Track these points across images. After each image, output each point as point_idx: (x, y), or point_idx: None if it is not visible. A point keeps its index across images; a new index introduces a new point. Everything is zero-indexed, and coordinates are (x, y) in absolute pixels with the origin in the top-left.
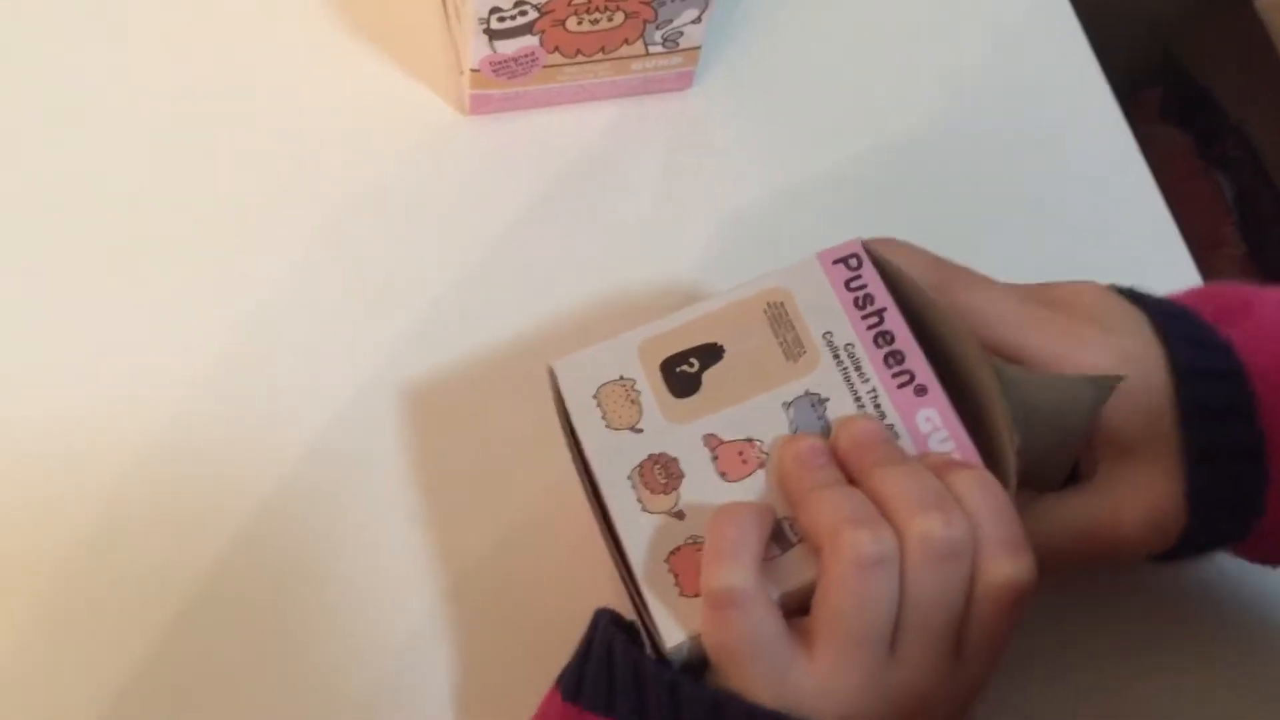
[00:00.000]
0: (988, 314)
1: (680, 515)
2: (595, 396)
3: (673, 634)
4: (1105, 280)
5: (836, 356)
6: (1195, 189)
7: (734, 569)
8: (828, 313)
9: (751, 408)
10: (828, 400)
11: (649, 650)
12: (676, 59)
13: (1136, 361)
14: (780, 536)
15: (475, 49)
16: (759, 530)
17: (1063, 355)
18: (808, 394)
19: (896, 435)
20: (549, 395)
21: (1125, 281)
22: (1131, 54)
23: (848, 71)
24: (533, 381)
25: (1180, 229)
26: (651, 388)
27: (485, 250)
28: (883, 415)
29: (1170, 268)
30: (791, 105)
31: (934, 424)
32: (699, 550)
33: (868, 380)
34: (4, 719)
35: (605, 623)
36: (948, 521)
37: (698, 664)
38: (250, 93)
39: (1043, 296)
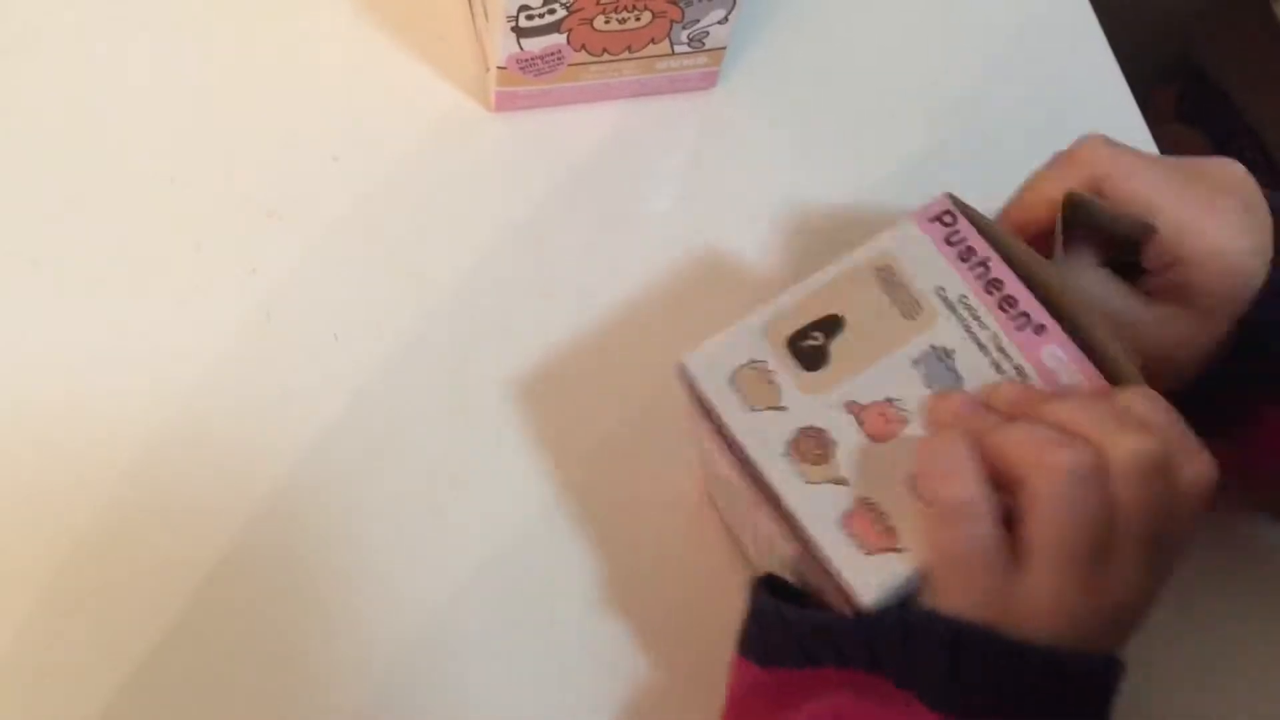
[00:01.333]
0: (1132, 172)
1: (842, 481)
2: (731, 382)
3: (868, 591)
4: None
5: (953, 309)
6: None
7: (962, 479)
8: (935, 269)
9: (882, 370)
10: (954, 352)
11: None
12: (702, 59)
13: (1262, 245)
14: None
15: (502, 46)
16: (971, 447)
17: (1189, 221)
18: (933, 349)
19: (1026, 377)
20: (564, 393)
21: None
22: (1148, 53)
23: (869, 72)
24: (552, 378)
25: None
26: (783, 366)
27: (509, 245)
28: (1008, 357)
29: None
30: (813, 105)
31: (1059, 359)
32: (870, 509)
33: (987, 327)
34: (7, 712)
35: (762, 590)
36: (1147, 437)
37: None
38: (275, 88)
39: (1188, 168)
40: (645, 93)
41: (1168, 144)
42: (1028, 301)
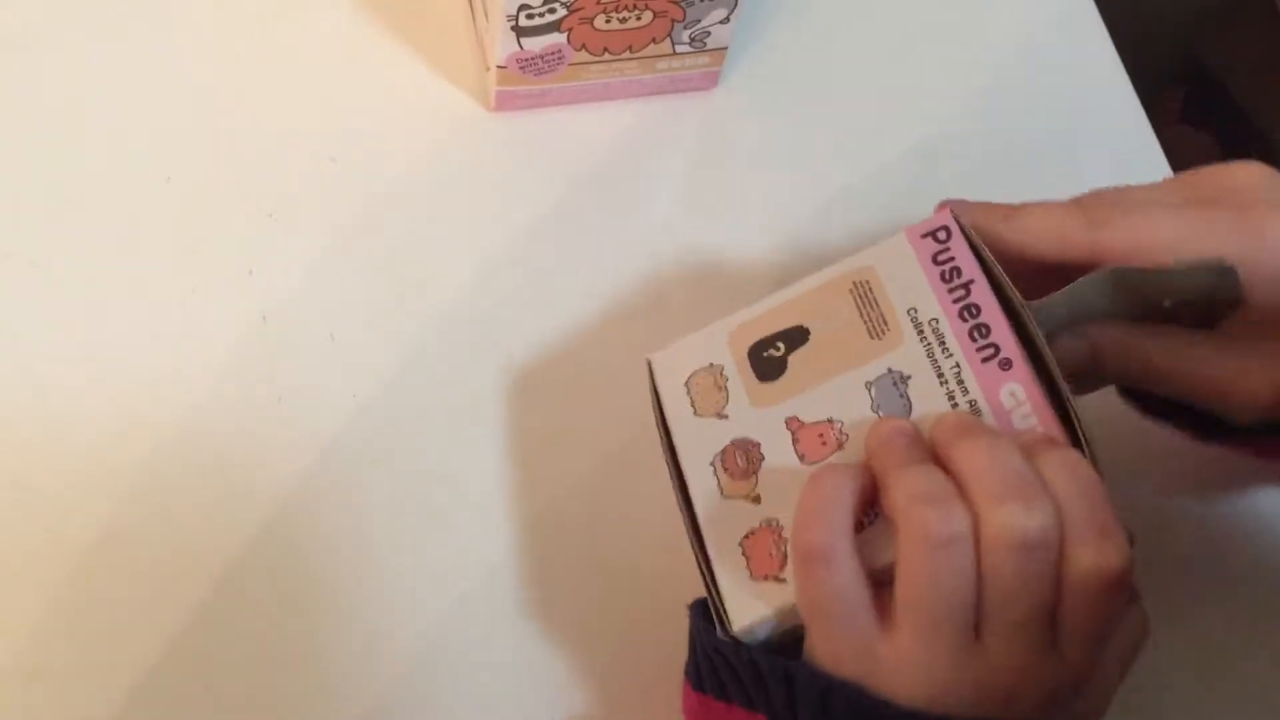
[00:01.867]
0: (1152, 244)
1: (757, 499)
2: (686, 385)
3: (740, 615)
4: None
5: (920, 332)
6: None
7: (825, 526)
8: (913, 288)
9: (834, 388)
10: (910, 378)
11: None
12: (703, 59)
13: None
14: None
15: (502, 45)
16: (852, 493)
17: (1241, 255)
18: (890, 372)
19: (979, 412)
20: (563, 395)
21: None
22: (1154, 55)
23: (871, 73)
24: (550, 379)
25: None
26: (740, 373)
27: (508, 247)
28: (965, 390)
29: None
30: (815, 106)
31: (1017, 399)
32: (772, 532)
33: (951, 355)
34: (23, 708)
35: (695, 614)
36: (1029, 509)
37: (787, 646)
38: (273, 88)
39: (1198, 194)
40: (646, 93)
41: (1174, 146)
42: (1001, 333)
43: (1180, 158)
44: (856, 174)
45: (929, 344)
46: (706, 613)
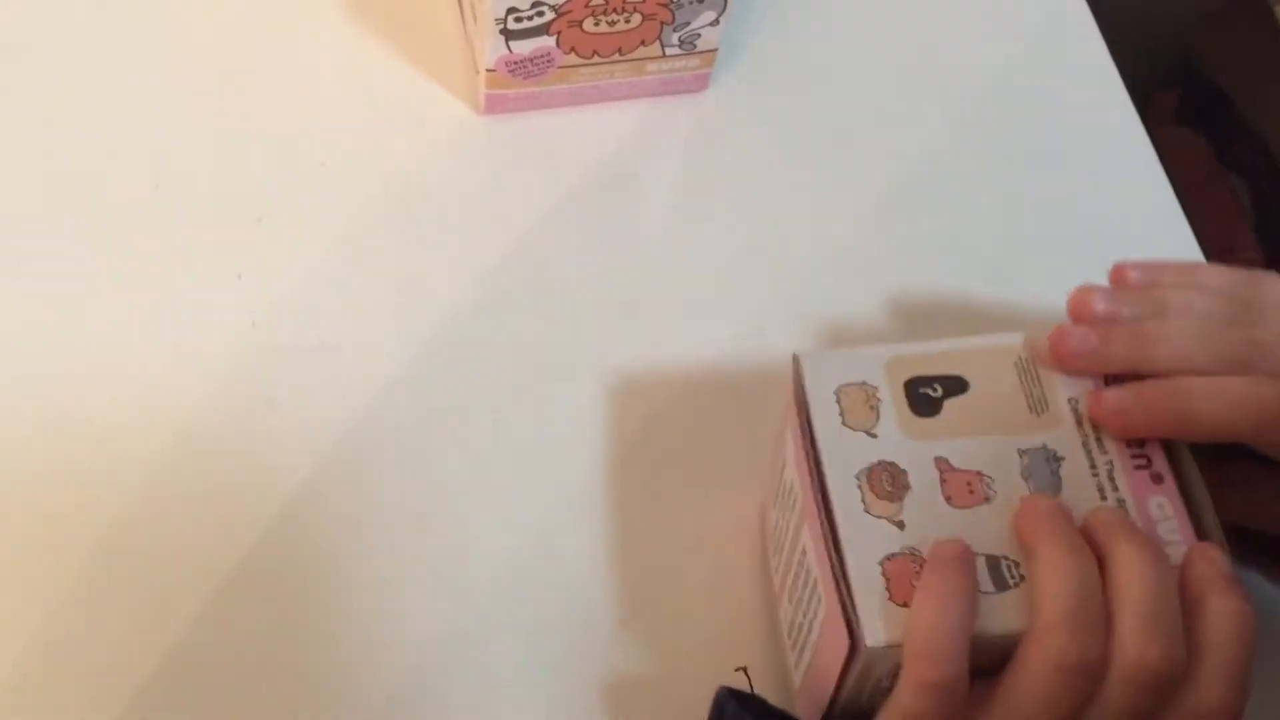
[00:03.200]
0: (1233, 426)
1: (901, 525)
2: (836, 393)
3: (876, 635)
4: None
5: (1079, 424)
6: (1211, 193)
7: (950, 661)
8: (1076, 380)
9: (987, 444)
10: (1063, 459)
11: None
12: (693, 61)
13: None
14: (999, 577)
15: (491, 49)
16: (973, 603)
17: None
18: (1045, 448)
19: (1127, 510)
20: (557, 400)
21: None
22: (1148, 56)
23: (863, 74)
24: (546, 387)
25: (1196, 233)
26: (894, 400)
27: (499, 251)
28: (1115, 487)
29: None
30: (807, 107)
31: (1165, 513)
32: (913, 562)
33: (1106, 454)
34: (28, 702)
35: (733, 708)
36: (1168, 656)
37: (867, 701)
38: (262, 92)
39: (1249, 344)
40: (637, 95)
41: (1168, 147)
42: (1154, 448)
43: (1173, 159)
44: (849, 175)
45: (1086, 436)
46: (742, 699)
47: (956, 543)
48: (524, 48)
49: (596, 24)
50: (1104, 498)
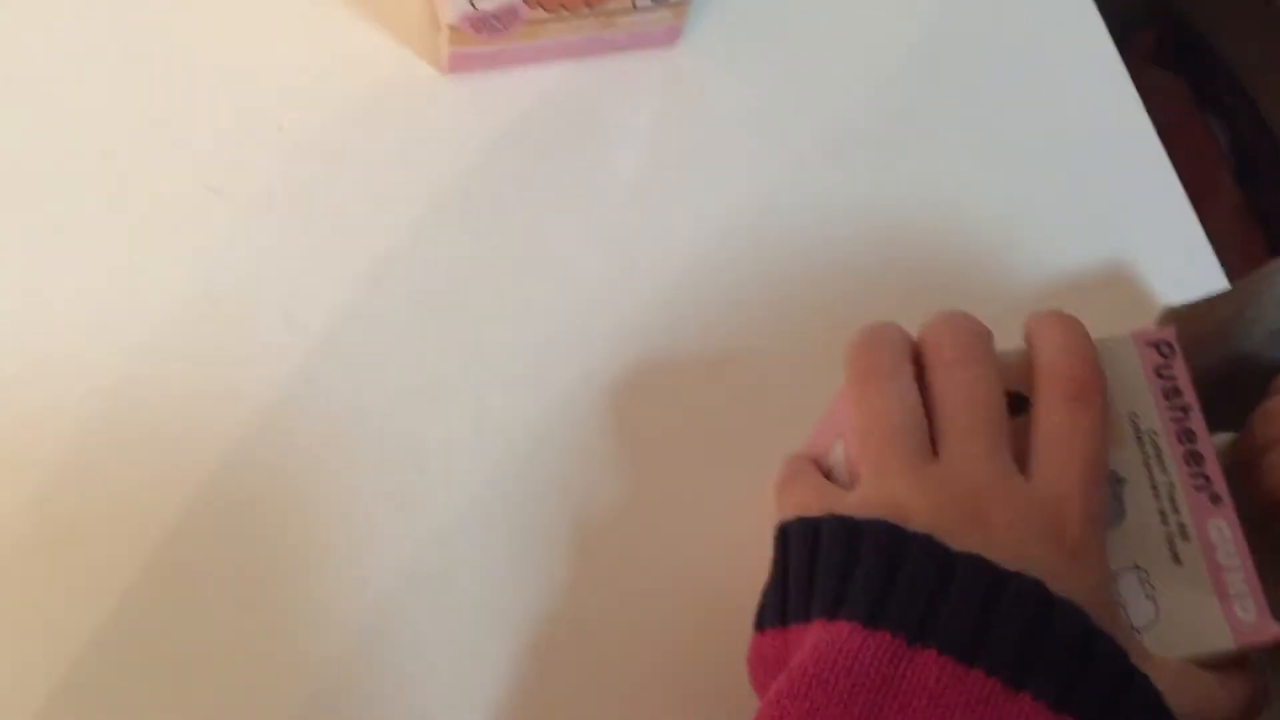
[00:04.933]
0: None
1: None
2: None
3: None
4: (1112, 238)
5: (1139, 440)
6: (1190, 135)
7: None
8: (1137, 395)
9: None
10: (1125, 482)
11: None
12: (664, 14)
13: None
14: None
15: (454, 5)
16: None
17: None
18: (1112, 473)
19: (1187, 537)
20: (531, 370)
21: (1128, 233)
22: None
23: (838, 24)
24: (518, 357)
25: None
26: None
27: (465, 216)
28: (1176, 510)
29: (1170, 217)
30: (781, 59)
31: (1224, 537)
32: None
33: (1167, 473)
34: None
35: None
36: (955, 329)
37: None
38: (214, 55)
39: None
40: (606, 50)
41: (1146, 89)
42: (1212, 465)
43: (1151, 101)
44: (826, 128)
45: (1147, 455)
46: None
47: None
48: (488, 3)
49: None
50: (1165, 523)
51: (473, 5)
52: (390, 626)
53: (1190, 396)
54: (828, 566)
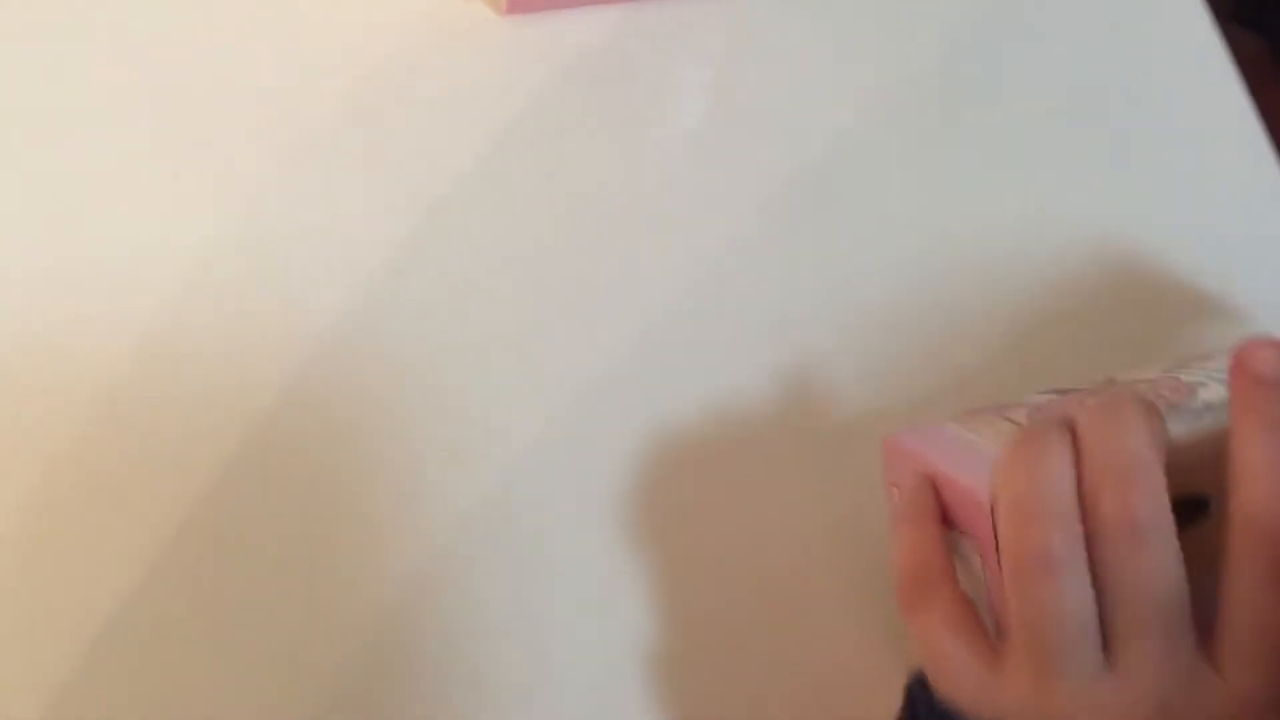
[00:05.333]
0: None
1: None
2: None
3: None
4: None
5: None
6: (1270, 96)
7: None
8: None
9: None
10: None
11: None
12: None
13: None
14: None
15: None
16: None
17: None
18: None
19: None
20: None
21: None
22: None
23: None
24: (565, 308)
25: None
26: None
27: (521, 164)
28: None
29: (1259, 179)
30: (849, 7)
31: None
32: None
33: None
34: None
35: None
36: (1123, 473)
37: None
38: None
39: None
40: None
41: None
42: None
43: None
44: (894, 73)
45: None
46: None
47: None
48: None
49: None
50: None
51: None
52: (441, 583)
53: None
54: None
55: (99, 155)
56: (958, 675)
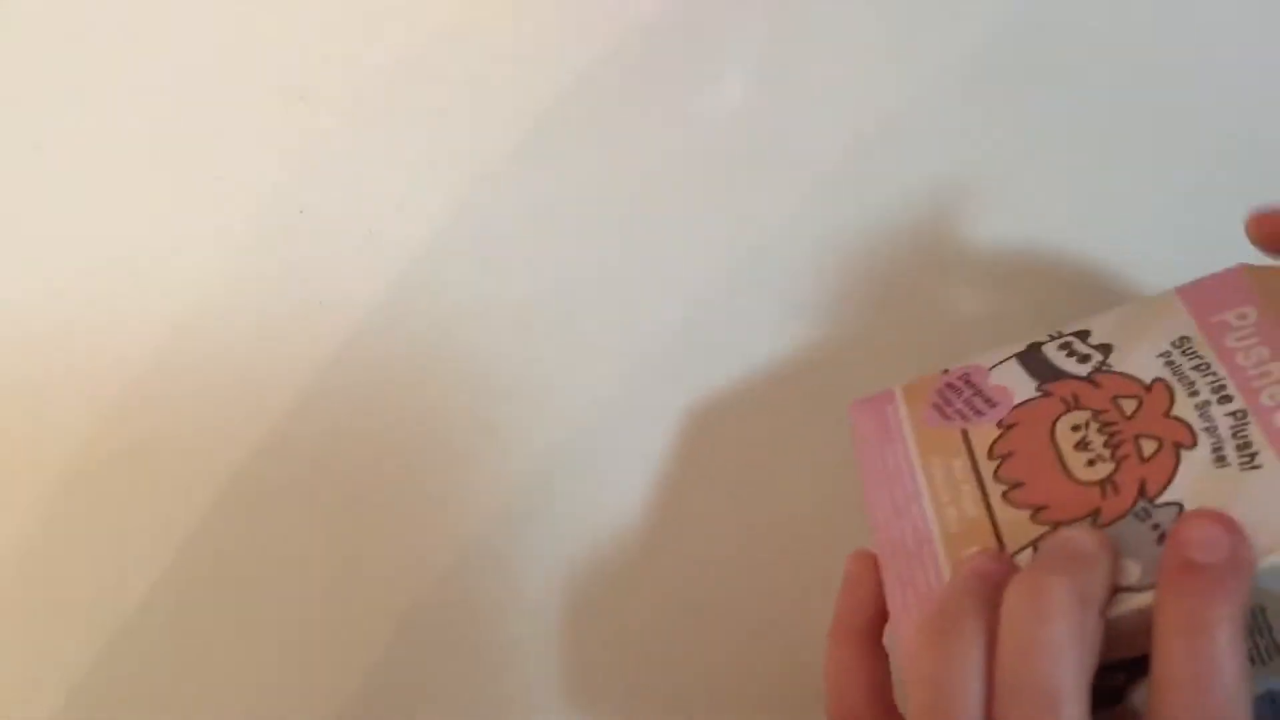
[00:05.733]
0: None
1: None
2: None
3: None
4: None
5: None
6: None
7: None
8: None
9: None
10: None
11: None
12: None
13: None
14: None
15: None
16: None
17: None
18: None
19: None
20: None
21: None
22: None
23: None
24: (615, 285)
25: None
26: None
27: (563, 128)
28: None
29: None
30: None
31: None
32: None
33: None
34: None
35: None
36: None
37: None
38: None
39: None
40: None
41: None
42: None
43: None
44: (950, 48)
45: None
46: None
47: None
48: None
49: None
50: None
51: None
52: (478, 556)
53: None
54: None
55: (110, 150)
56: None
